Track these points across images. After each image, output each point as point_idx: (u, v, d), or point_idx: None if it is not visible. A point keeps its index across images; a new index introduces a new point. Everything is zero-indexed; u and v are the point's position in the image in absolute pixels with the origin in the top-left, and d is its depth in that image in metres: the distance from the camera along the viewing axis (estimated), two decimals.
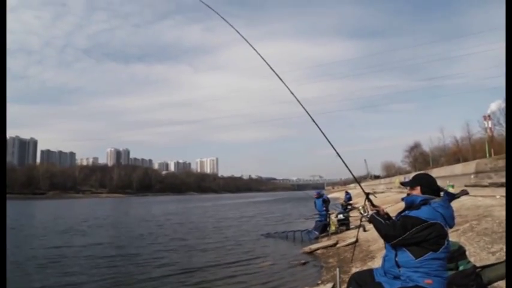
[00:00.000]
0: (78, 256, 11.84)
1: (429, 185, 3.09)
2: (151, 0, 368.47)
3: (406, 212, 3.01)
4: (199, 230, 19.24)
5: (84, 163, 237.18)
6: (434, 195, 3.01)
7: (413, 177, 3.26)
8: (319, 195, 15.47)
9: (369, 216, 3.25)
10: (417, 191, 3.08)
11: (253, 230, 18.23)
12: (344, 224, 14.23)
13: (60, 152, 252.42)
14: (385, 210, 3.52)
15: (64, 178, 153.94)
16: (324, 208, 14.85)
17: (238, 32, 5.10)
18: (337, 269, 4.27)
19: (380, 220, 3.08)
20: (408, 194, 3.16)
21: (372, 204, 3.61)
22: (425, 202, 2.94)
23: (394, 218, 3.20)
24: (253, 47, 4.87)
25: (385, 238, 2.97)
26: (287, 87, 4.48)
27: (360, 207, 3.59)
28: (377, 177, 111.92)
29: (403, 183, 3.35)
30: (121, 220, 27.47)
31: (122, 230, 19.99)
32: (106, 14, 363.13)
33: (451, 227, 2.89)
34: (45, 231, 19.62)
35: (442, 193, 3.07)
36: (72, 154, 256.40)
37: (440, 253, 2.78)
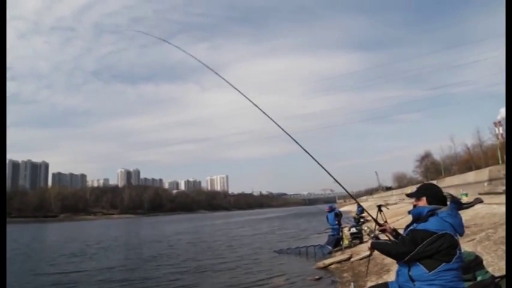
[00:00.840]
0: (89, 281, 11.57)
1: (435, 195, 3.06)
2: (156, 21, 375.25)
3: (414, 225, 2.98)
4: (212, 249, 19.07)
5: (95, 184, 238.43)
6: (440, 205, 2.97)
7: (418, 188, 3.24)
8: (331, 209, 15.36)
9: (372, 242, 3.22)
10: (423, 202, 3.05)
11: (265, 247, 18.07)
12: (357, 238, 14.04)
13: (71, 175, 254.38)
14: (391, 226, 3.49)
15: (75, 200, 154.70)
16: (337, 222, 14.72)
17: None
18: (352, 284, 4.20)
19: (383, 243, 3.05)
20: (414, 205, 3.14)
21: (377, 223, 3.59)
22: (432, 213, 2.90)
23: (403, 232, 3.17)
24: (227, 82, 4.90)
25: (397, 257, 2.94)
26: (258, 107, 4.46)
27: (366, 228, 3.57)
28: (389, 188, 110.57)
29: (408, 195, 3.32)
30: (132, 241, 27.38)
31: (134, 252, 19.63)
32: (113, 36, 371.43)
33: (461, 235, 2.86)
34: (55, 255, 19.42)
35: (448, 202, 3.04)
36: (83, 176, 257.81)
37: (454, 263, 2.74)
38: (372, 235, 3.47)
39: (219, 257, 15.69)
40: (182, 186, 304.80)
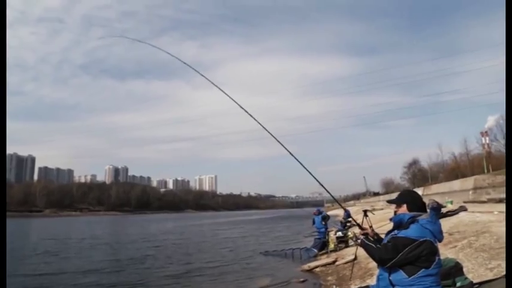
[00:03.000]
0: (62, 286, 10.42)
1: (415, 202, 3.12)
2: (147, 16, 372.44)
3: (395, 232, 3.04)
4: (198, 249, 18.95)
5: (82, 180, 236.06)
6: (420, 212, 3.05)
7: (399, 195, 3.30)
8: (319, 212, 15.47)
9: (359, 241, 3.27)
10: (404, 209, 3.11)
11: (251, 248, 18.09)
12: (343, 241, 14.14)
13: (58, 169, 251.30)
14: (374, 231, 3.57)
15: (61, 195, 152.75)
16: (324, 224, 14.84)
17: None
18: (333, 287, 4.27)
19: (371, 245, 3.11)
20: (395, 212, 3.20)
21: (360, 227, 3.66)
22: (413, 220, 2.97)
23: (384, 237, 3.23)
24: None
25: (379, 262, 3.01)
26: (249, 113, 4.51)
27: (350, 233, 3.66)
28: (376, 194, 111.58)
29: (389, 201, 3.39)
30: (117, 240, 26.81)
31: (118, 252, 18.68)
32: (103, 30, 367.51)
33: (440, 242, 2.95)
34: (32, 252, 18.20)
35: (428, 209, 3.12)
36: (70, 171, 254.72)
37: (433, 269, 2.83)
38: (355, 239, 3.54)
39: (204, 257, 15.64)
40: (170, 185, 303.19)
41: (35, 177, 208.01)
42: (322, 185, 4.33)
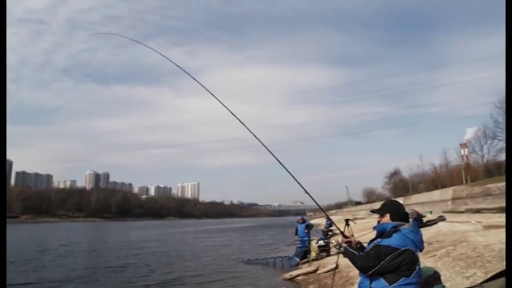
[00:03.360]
0: None
1: (397, 212, 3.20)
2: (132, 21, 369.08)
3: (378, 240, 3.10)
4: (180, 257, 18.69)
5: (62, 186, 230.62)
6: (403, 221, 3.12)
7: (382, 205, 3.37)
8: (303, 221, 15.55)
9: (342, 249, 3.32)
10: (387, 218, 3.18)
11: (233, 257, 18.01)
12: (324, 250, 14.23)
13: (37, 174, 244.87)
14: (356, 240, 3.63)
15: (39, 201, 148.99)
16: (307, 232, 14.91)
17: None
18: None
19: (354, 253, 3.16)
20: (379, 222, 3.27)
21: (344, 236, 3.72)
22: (395, 229, 3.04)
23: (366, 245, 3.30)
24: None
25: (361, 270, 3.04)
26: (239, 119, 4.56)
27: (334, 241, 3.71)
28: (358, 203, 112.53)
29: (373, 211, 3.47)
30: (97, 247, 26.30)
31: (98, 260, 18.00)
32: (87, 33, 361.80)
33: (421, 251, 3.02)
34: (9, 260, 16.14)
35: (410, 219, 3.19)
36: (49, 176, 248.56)
37: (413, 278, 2.89)
38: (338, 247, 3.59)
39: (186, 265, 15.48)
40: (152, 192, 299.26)
41: (12, 181, 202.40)
42: (309, 194, 4.39)
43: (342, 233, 3.94)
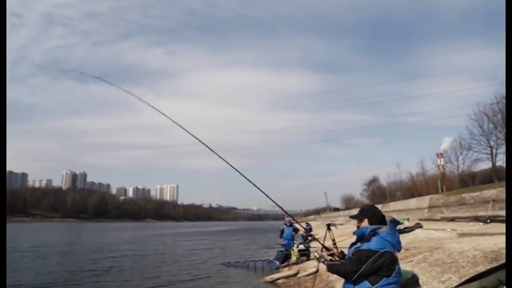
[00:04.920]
0: None
1: (375, 216, 3.36)
2: (112, 19, 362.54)
3: (358, 244, 3.26)
4: (158, 260, 18.33)
5: (37, 185, 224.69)
6: (381, 224, 3.29)
7: (360, 210, 3.53)
8: (290, 224, 15.44)
9: (325, 264, 3.45)
10: (365, 223, 3.34)
11: (213, 259, 18.02)
12: (305, 255, 14.41)
13: (11, 172, 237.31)
14: (339, 250, 3.80)
15: (13, 200, 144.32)
16: (293, 235, 15.02)
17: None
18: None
19: (336, 264, 3.34)
20: (358, 227, 3.42)
21: (326, 248, 3.89)
22: (374, 233, 3.21)
23: (347, 250, 3.46)
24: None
25: (346, 276, 3.20)
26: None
27: (316, 254, 3.85)
28: (336, 209, 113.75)
29: (352, 217, 3.61)
30: (74, 249, 25.66)
31: (76, 263, 17.03)
32: (64, 29, 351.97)
33: (399, 251, 3.21)
34: None
35: (387, 221, 3.37)
36: (24, 175, 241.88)
37: (393, 278, 3.07)
38: (323, 260, 3.73)
39: (164, 268, 15.34)
40: (130, 193, 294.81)
41: None
42: (276, 203, 4.47)
43: (324, 246, 4.08)
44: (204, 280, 12.16)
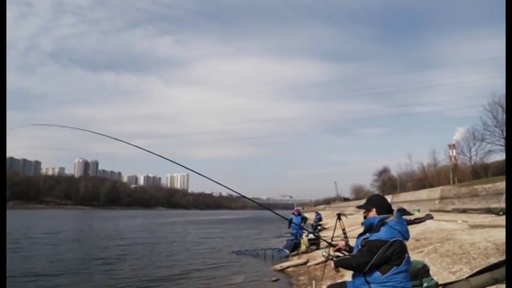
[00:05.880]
0: None
1: (382, 205, 3.37)
2: (122, 7, 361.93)
3: (367, 235, 3.28)
4: (169, 248, 18.25)
5: (50, 173, 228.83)
6: (388, 214, 3.31)
7: (368, 201, 3.53)
8: (299, 213, 15.75)
9: (334, 261, 3.44)
10: (373, 213, 3.35)
11: (223, 247, 18.19)
12: (314, 244, 14.47)
13: (25, 160, 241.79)
14: (344, 244, 3.82)
15: (27, 187, 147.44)
16: (303, 224, 15.13)
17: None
18: (313, 282, 4.54)
19: (345, 258, 3.34)
20: (365, 217, 3.44)
21: (331, 245, 3.92)
22: (382, 223, 3.22)
23: (355, 240, 3.48)
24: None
25: (358, 268, 3.19)
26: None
27: (324, 253, 3.88)
28: (346, 199, 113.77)
29: (359, 207, 3.60)
30: (84, 235, 25.90)
31: (81, 251, 16.83)
32: (74, 18, 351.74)
33: (407, 240, 3.22)
34: None
35: (394, 210, 3.38)
36: (37, 163, 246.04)
37: (403, 266, 3.09)
38: (330, 257, 3.77)
39: (175, 255, 15.46)
40: (141, 181, 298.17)
41: None
42: (235, 191, 4.49)
43: (329, 243, 4.12)
44: (215, 267, 12.28)
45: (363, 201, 3.65)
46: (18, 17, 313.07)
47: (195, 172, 4.52)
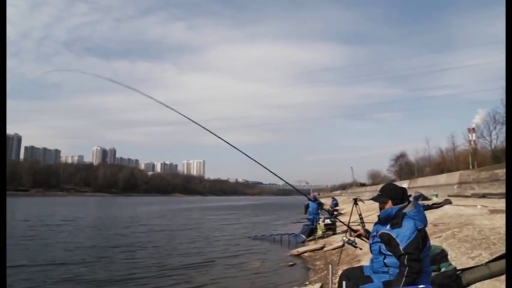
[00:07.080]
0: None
1: (397, 196, 3.26)
2: None
3: (388, 228, 3.15)
4: (189, 235, 17.88)
5: (69, 161, 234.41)
6: (403, 201, 3.22)
7: (381, 192, 3.38)
8: (315, 199, 15.78)
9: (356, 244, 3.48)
10: (389, 205, 3.25)
11: (240, 233, 18.40)
12: (331, 229, 14.52)
13: (45, 149, 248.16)
14: (364, 230, 3.82)
15: (48, 175, 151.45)
16: (319, 210, 15.17)
17: None
18: (330, 266, 4.55)
19: (400, 281, 2.94)
20: (381, 209, 3.33)
21: (352, 230, 3.90)
22: (402, 214, 3.11)
23: (372, 228, 3.45)
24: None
25: (419, 274, 2.94)
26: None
27: (344, 238, 3.91)
28: (363, 184, 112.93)
29: (373, 199, 3.43)
30: (103, 222, 26.16)
31: (103, 237, 17.06)
32: (87, 6, 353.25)
33: (426, 226, 3.16)
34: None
35: (411, 198, 3.32)
36: (57, 151, 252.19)
37: (425, 252, 3.06)
38: (351, 242, 3.78)
39: (198, 246, 14.60)
40: (158, 168, 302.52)
41: (21, 156, 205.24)
42: (270, 170, 4.45)
43: (350, 228, 4.11)
44: (232, 252, 12.44)
45: (379, 187, 3.59)
46: (32, 7, 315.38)
47: (236, 148, 4.35)
